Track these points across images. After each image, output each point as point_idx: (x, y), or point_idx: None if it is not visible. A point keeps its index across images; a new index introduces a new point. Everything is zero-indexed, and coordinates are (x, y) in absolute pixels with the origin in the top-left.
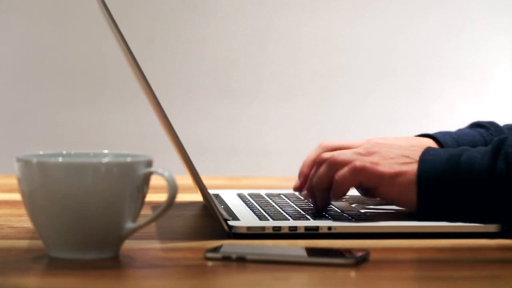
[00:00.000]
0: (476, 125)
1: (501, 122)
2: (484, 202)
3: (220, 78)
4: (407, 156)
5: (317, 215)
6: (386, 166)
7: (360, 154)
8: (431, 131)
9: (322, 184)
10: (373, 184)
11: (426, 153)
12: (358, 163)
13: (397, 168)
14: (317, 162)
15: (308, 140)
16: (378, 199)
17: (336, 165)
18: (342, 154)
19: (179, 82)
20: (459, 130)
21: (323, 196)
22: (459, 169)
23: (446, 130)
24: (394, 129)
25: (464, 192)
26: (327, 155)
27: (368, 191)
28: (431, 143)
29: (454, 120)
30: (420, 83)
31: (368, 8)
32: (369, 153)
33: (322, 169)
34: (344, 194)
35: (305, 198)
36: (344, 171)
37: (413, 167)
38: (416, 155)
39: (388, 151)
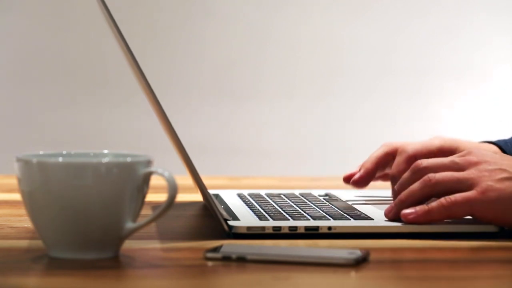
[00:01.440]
0: None
1: (501, 122)
2: None
3: (220, 78)
4: (504, 170)
5: (317, 216)
6: (484, 187)
7: (454, 168)
8: (430, 131)
9: (414, 202)
10: (464, 215)
11: None
12: (447, 199)
13: (497, 186)
14: (413, 171)
15: (308, 140)
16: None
17: (431, 186)
18: (437, 168)
19: (179, 82)
20: None
21: (402, 209)
22: None
23: (508, 138)
24: (394, 129)
25: None
26: (423, 165)
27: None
28: (496, 149)
29: (454, 120)
30: (420, 83)
31: (368, 8)
32: (464, 166)
33: (416, 187)
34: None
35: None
36: (456, 198)
37: (509, 184)
38: (508, 166)
39: (486, 163)
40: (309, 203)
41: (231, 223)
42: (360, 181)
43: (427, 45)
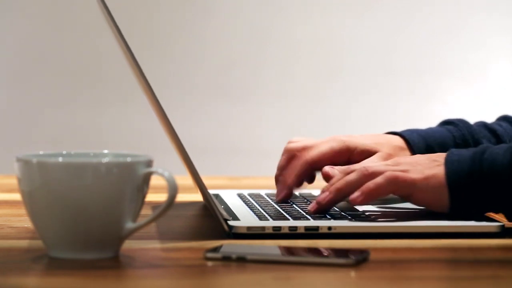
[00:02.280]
0: (445, 123)
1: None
2: (507, 197)
3: (221, 78)
4: (434, 160)
5: (317, 216)
6: (416, 172)
7: (387, 164)
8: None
9: (351, 193)
10: (406, 192)
11: (451, 154)
12: (391, 172)
13: (426, 172)
14: (344, 172)
15: None
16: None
17: (368, 175)
18: (372, 165)
19: (179, 82)
20: (429, 128)
21: (339, 200)
22: (482, 166)
23: (415, 128)
24: (393, 129)
25: (490, 189)
26: (356, 166)
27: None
28: (398, 140)
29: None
30: (420, 83)
31: (368, 8)
32: (397, 163)
33: (353, 177)
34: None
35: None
36: (379, 180)
37: (441, 169)
38: (442, 157)
39: (413, 158)
40: (309, 203)
41: (231, 223)
42: (286, 197)
43: (426, 45)
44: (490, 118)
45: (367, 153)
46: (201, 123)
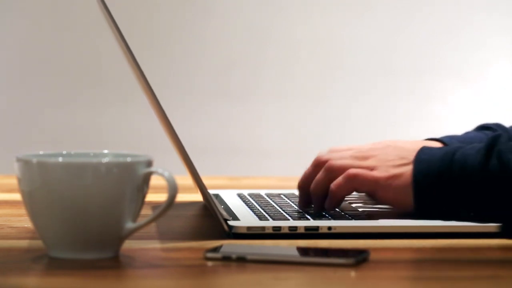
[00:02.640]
0: (483, 128)
1: (502, 123)
2: (478, 200)
3: (221, 78)
4: (403, 158)
5: (317, 215)
6: (381, 170)
7: (356, 158)
8: (430, 131)
9: (321, 191)
10: (368, 189)
11: (421, 152)
12: (352, 170)
13: (392, 171)
14: (315, 164)
15: (308, 140)
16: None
17: (332, 171)
18: (339, 158)
19: (179, 82)
20: (466, 133)
21: (318, 201)
22: (452, 166)
23: (453, 134)
24: (393, 129)
25: (459, 190)
26: (324, 157)
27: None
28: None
29: (454, 120)
30: (420, 83)
31: (367, 8)
32: (365, 157)
33: (320, 175)
34: (339, 203)
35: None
36: (339, 180)
37: (409, 168)
38: (412, 155)
39: (385, 153)
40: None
41: (231, 223)
42: (306, 205)
43: (426, 45)
44: (490, 118)
45: None
46: (201, 123)
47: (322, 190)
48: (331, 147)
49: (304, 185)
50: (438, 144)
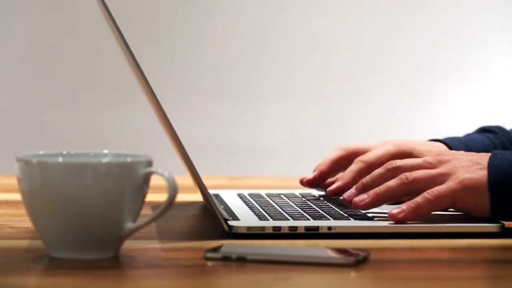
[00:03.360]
0: (484, 130)
1: (500, 122)
2: None
3: (221, 78)
4: (477, 163)
5: (317, 216)
6: (454, 178)
7: (430, 166)
8: (430, 131)
9: (390, 199)
10: (448, 205)
11: (494, 158)
12: (430, 194)
13: (467, 176)
14: (389, 169)
15: (308, 140)
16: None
17: (409, 184)
18: (414, 172)
19: (179, 82)
20: (468, 135)
21: (373, 207)
22: None
23: (454, 136)
24: (393, 128)
25: None
26: (404, 162)
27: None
28: (444, 148)
29: (454, 120)
30: (419, 83)
31: (367, 8)
32: (441, 161)
33: (393, 184)
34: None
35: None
36: (419, 200)
37: (484, 173)
38: (485, 160)
39: (458, 159)
40: (309, 203)
41: (231, 223)
42: (313, 181)
43: (426, 45)
44: (490, 118)
45: None
46: (201, 123)
47: (396, 199)
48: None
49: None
50: (443, 146)
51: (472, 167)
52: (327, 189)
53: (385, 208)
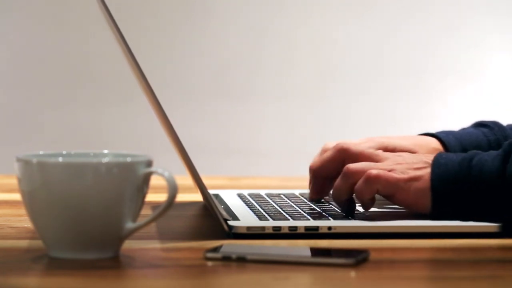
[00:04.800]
0: (480, 125)
1: (501, 122)
2: (495, 206)
3: (221, 78)
4: (420, 161)
5: (317, 216)
6: (400, 172)
7: (372, 160)
8: (430, 130)
9: (342, 196)
10: (389, 191)
11: (439, 157)
12: (372, 172)
13: (411, 173)
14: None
15: (308, 140)
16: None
17: (351, 176)
18: (354, 165)
19: (179, 82)
20: (463, 129)
21: (345, 206)
22: (470, 172)
23: (449, 130)
24: (392, 128)
25: (476, 195)
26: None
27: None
28: (434, 142)
29: (453, 120)
30: (419, 83)
31: (367, 8)
32: (384, 158)
33: (340, 182)
34: (371, 205)
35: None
36: (360, 182)
37: (426, 172)
38: (429, 158)
39: (400, 157)
40: (309, 203)
41: (231, 223)
42: (316, 195)
43: (426, 45)
44: (490, 118)
45: None
46: (201, 123)
47: (344, 196)
48: (324, 145)
49: (321, 171)
50: (434, 140)
51: (413, 165)
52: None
53: (385, 208)
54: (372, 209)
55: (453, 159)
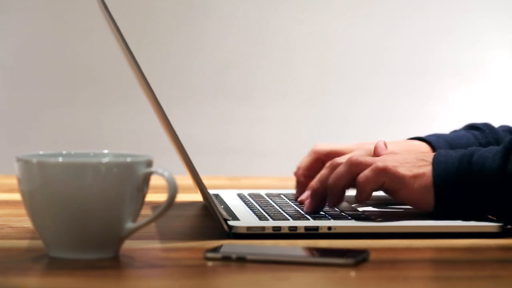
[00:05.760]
0: (471, 127)
1: (501, 122)
2: (496, 202)
3: (221, 78)
4: (422, 159)
5: (317, 216)
6: (405, 169)
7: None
8: (430, 131)
9: (341, 182)
10: (394, 185)
11: (438, 155)
12: (380, 163)
13: (415, 171)
14: (332, 166)
15: (307, 140)
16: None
17: (358, 165)
18: (360, 157)
19: (179, 82)
20: (453, 132)
21: (337, 195)
22: (471, 169)
23: (440, 133)
24: (391, 128)
25: (477, 191)
26: (343, 158)
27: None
28: (425, 146)
29: (453, 119)
30: (418, 83)
31: (365, 7)
32: (385, 159)
33: (341, 168)
34: (369, 197)
35: (300, 202)
36: (367, 171)
37: (428, 169)
38: (429, 157)
39: (401, 157)
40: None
41: (231, 223)
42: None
43: (424, 45)
44: (490, 118)
45: None
46: (201, 123)
47: (342, 182)
48: (313, 146)
49: (306, 177)
50: (423, 144)
51: (418, 162)
52: (298, 199)
53: (385, 208)
54: (372, 209)
55: (453, 156)
